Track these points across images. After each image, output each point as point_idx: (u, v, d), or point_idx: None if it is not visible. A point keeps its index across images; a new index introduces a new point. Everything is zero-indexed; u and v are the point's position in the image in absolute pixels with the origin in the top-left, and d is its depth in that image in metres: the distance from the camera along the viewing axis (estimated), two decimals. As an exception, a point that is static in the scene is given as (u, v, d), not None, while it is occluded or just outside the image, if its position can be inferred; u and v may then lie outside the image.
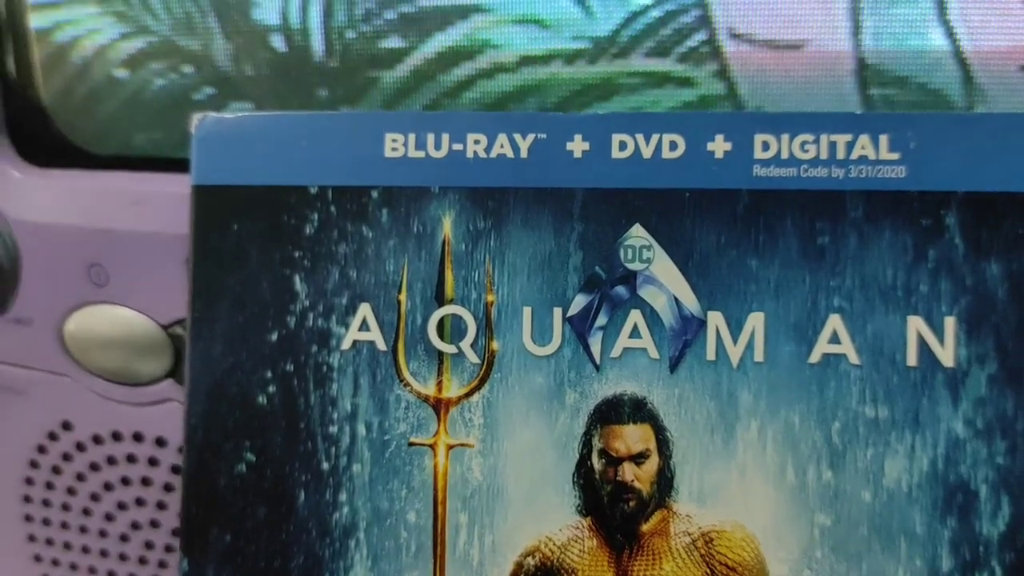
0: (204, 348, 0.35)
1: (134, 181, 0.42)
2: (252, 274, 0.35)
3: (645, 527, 0.33)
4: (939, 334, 0.32)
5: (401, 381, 0.34)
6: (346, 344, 0.34)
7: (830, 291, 0.32)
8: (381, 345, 0.34)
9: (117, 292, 0.43)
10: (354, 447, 0.34)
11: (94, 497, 0.47)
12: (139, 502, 0.47)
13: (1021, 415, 0.32)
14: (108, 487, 0.47)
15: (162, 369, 0.44)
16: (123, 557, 0.48)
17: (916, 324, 0.32)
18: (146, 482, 0.46)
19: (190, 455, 0.35)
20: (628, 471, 0.33)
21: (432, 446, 0.34)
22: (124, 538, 0.48)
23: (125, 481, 0.47)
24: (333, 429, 0.34)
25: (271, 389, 0.34)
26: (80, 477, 0.47)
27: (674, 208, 0.33)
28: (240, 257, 0.35)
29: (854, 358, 0.32)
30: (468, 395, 0.34)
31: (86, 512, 0.48)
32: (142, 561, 0.48)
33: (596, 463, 0.33)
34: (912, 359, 0.32)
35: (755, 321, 0.33)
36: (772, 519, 0.32)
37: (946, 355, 0.32)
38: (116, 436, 0.46)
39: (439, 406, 0.34)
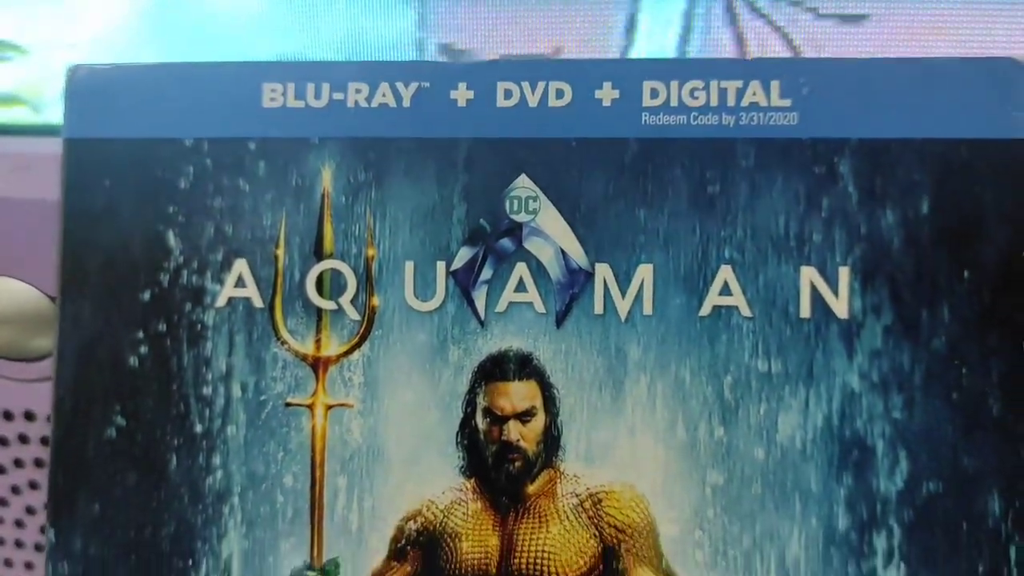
0: (74, 309, 0.32)
1: (15, 145, 0.40)
2: (124, 231, 0.32)
3: (531, 488, 0.31)
4: (833, 285, 0.30)
5: (278, 339, 0.32)
6: (221, 301, 0.32)
7: (721, 241, 0.31)
8: (257, 302, 0.32)
9: (3, 263, 0.41)
10: (229, 408, 0.32)
11: (-13, 481, 0.45)
12: (32, 485, 0.44)
13: (918, 368, 0.30)
14: (0, 470, 0.45)
15: (53, 343, 0.41)
16: (19, 544, 0.46)
17: (809, 275, 0.30)
18: (39, 463, 0.44)
19: (58, 421, 0.32)
20: (513, 430, 0.31)
21: (310, 406, 0.32)
22: (19, 524, 0.45)
23: (18, 463, 0.44)
24: (207, 390, 0.32)
25: (143, 350, 0.32)
26: (-28, 461, 0.45)
27: (561, 158, 0.31)
28: (112, 213, 0.32)
29: (746, 310, 0.30)
30: (348, 353, 0.32)
31: (-20, 498, 0.45)
32: (38, 548, 0.46)
33: (480, 422, 0.31)
34: (805, 311, 0.30)
35: (644, 273, 0.31)
36: (662, 478, 0.30)
37: (840, 306, 0.30)
38: (7, 415, 0.43)
39: (317, 365, 0.32)
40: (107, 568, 0.32)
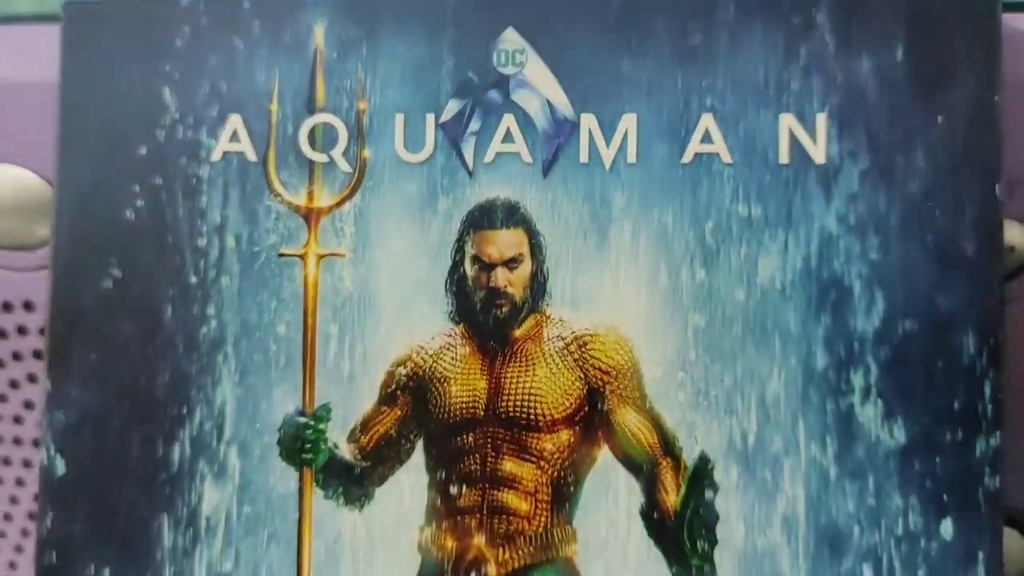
0: (71, 165, 0.33)
1: (15, 32, 0.40)
2: (121, 90, 0.33)
3: (518, 332, 0.32)
4: (811, 131, 0.31)
5: (271, 191, 0.32)
6: (216, 156, 0.33)
7: (702, 91, 0.31)
8: (251, 156, 0.33)
9: (5, 149, 0.41)
10: (223, 259, 0.32)
11: (-15, 378, 0.45)
12: (31, 378, 0.45)
13: (893, 210, 0.31)
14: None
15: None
16: (17, 441, 0.46)
17: (788, 121, 0.31)
18: (38, 355, 0.44)
19: (56, 274, 0.33)
20: (501, 276, 0.32)
21: (302, 257, 0.32)
22: (17, 420, 0.45)
23: (16, 356, 0.44)
24: (202, 242, 0.32)
25: (139, 203, 0.33)
26: (-29, 356, 0.45)
27: (547, 11, 0.32)
28: (110, 73, 0.33)
29: (726, 157, 0.31)
30: (339, 204, 0.32)
31: (-23, 397, 0.45)
32: (36, 444, 0.46)
33: (469, 269, 0.32)
34: (784, 157, 0.31)
35: (628, 123, 0.31)
36: (645, 321, 0.31)
37: (818, 152, 0.31)
38: (6, 306, 0.44)
39: (310, 216, 0.32)
40: (103, 416, 0.32)
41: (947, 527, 0.30)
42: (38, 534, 0.33)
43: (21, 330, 0.44)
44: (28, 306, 0.44)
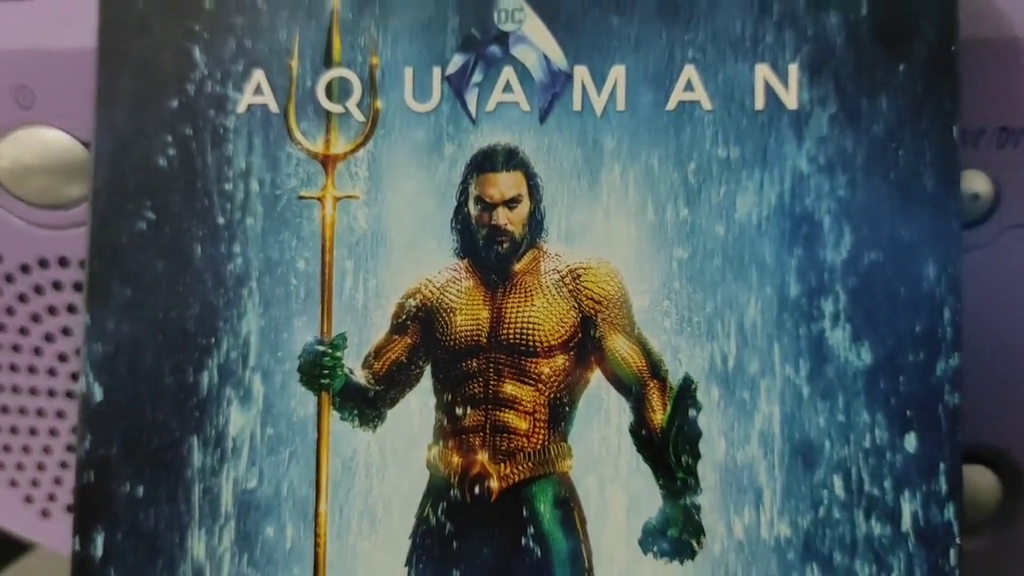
0: (109, 115, 0.36)
1: (53, 3, 0.43)
2: (155, 47, 0.36)
3: (517, 266, 0.35)
4: (783, 79, 0.34)
5: (292, 140, 0.35)
6: (241, 108, 0.35)
7: (685, 44, 0.34)
8: (274, 107, 0.35)
9: (44, 113, 0.43)
10: (248, 202, 0.35)
11: (23, 331, 0.47)
12: (65, 331, 0.47)
13: (859, 150, 0.33)
14: (36, 319, 0.47)
15: (88, 178, 0.43)
16: (51, 393, 0.48)
17: (763, 71, 0.34)
18: (72, 309, 0.46)
19: (94, 217, 0.36)
20: (502, 215, 0.34)
21: (320, 199, 0.35)
22: (52, 372, 0.47)
23: (52, 310, 0.47)
24: (228, 186, 0.35)
25: (171, 152, 0.35)
26: (10, 311, 0.47)
27: (543, -26, 0.35)
28: (144, 31, 0.36)
29: (707, 104, 0.34)
30: (354, 151, 0.35)
31: (15, 348, 0.47)
32: (69, 395, 0.48)
33: (472, 209, 0.35)
34: (760, 103, 0.34)
35: (617, 73, 0.34)
36: (634, 254, 0.34)
37: (790, 99, 0.34)
38: (42, 263, 0.46)
39: (327, 162, 0.35)
40: (138, 346, 0.35)
41: (910, 441, 0.32)
42: (77, 456, 0.35)
43: (56, 285, 0.46)
44: (63, 262, 0.46)
